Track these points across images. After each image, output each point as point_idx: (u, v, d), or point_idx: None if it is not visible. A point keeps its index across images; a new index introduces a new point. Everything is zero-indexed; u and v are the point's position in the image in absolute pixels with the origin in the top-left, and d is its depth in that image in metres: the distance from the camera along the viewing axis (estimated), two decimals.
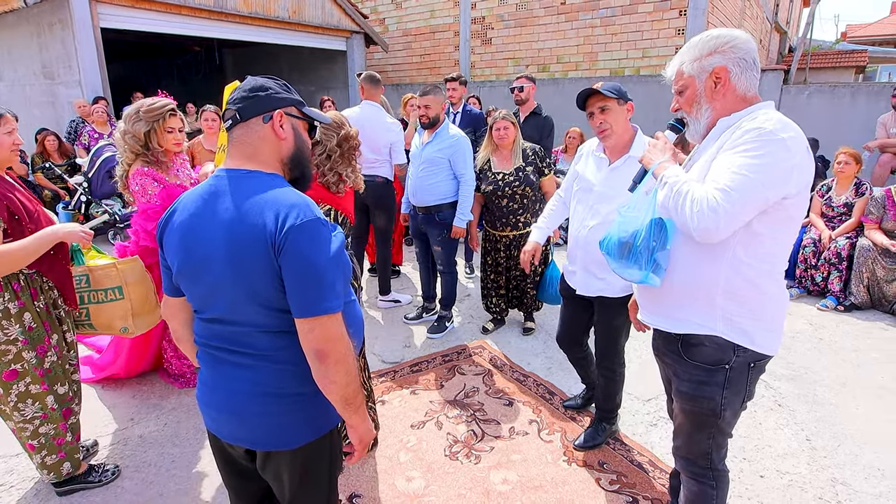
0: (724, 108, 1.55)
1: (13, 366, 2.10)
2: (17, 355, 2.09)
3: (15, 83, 8.01)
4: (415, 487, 2.37)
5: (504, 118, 3.53)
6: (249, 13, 8.60)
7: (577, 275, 2.52)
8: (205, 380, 1.38)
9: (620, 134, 2.31)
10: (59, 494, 2.32)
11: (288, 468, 1.37)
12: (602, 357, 2.56)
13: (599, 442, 2.63)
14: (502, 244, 3.75)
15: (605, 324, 2.50)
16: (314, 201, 2.19)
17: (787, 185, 1.40)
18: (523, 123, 4.59)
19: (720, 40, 1.52)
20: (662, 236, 1.53)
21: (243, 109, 1.28)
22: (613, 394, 2.62)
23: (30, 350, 2.11)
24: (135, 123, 2.70)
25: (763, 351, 1.55)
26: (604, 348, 2.54)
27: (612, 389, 2.61)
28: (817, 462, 2.57)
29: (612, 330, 2.48)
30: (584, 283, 2.48)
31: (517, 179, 3.55)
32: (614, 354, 2.53)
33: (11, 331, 2.06)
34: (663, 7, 8.08)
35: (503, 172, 3.60)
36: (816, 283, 4.67)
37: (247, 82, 1.33)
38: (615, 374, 2.57)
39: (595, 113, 2.28)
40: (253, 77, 1.32)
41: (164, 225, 1.33)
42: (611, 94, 2.22)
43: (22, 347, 2.09)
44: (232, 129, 1.30)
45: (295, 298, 1.20)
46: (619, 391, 2.63)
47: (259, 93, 1.30)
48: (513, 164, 3.59)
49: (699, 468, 1.71)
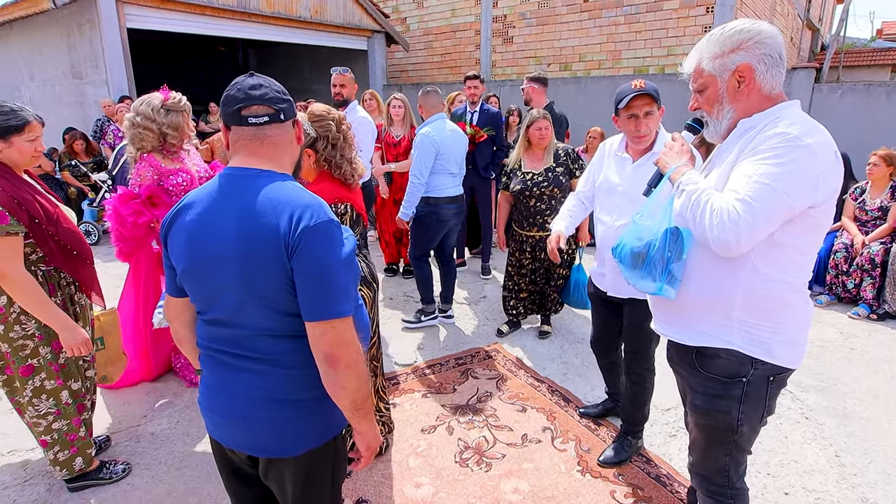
0: (747, 109, 1.45)
1: (30, 361, 2.13)
2: (33, 350, 2.12)
3: (45, 83, 8.22)
4: (423, 494, 2.33)
5: (544, 118, 3.48)
6: (272, 13, 8.67)
7: (606, 277, 2.45)
8: (207, 383, 1.36)
9: (653, 138, 2.26)
10: (70, 490, 2.34)
11: (291, 475, 1.34)
12: (631, 361, 2.47)
13: (625, 458, 2.52)
14: (528, 245, 3.70)
15: (636, 326, 2.41)
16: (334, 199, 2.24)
17: (814, 194, 1.31)
18: None
19: (744, 35, 1.41)
20: (678, 246, 1.44)
21: (285, 110, 1.27)
22: (642, 404, 2.52)
23: (45, 345, 2.14)
24: (174, 115, 2.79)
25: (783, 364, 1.46)
26: (633, 352, 2.46)
27: (642, 399, 2.50)
28: (847, 480, 2.44)
29: (643, 333, 2.39)
30: (614, 286, 2.41)
31: (546, 180, 3.51)
32: (644, 359, 2.45)
33: (29, 326, 2.09)
34: (689, 4, 7.88)
35: (532, 172, 3.56)
36: (848, 290, 4.48)
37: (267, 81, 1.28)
38: (644, 379, 2.47)
39: (639, 116, 2.18)
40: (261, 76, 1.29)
41: (169, 223, 1.30)
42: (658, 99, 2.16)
43: (38, 343, 2.13)
44: (265, 126, 1.25)
45: (307, 301, 1.18)
46: (648, 401, 2.53)
47: (289, 97, 1.31)
48: (543, 164, 3.55)
49: (716, 486, 1.62)
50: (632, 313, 2.41)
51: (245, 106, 1.24)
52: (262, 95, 1.24)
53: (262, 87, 1.26)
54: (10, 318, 2.06)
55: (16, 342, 2.09)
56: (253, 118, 1.24)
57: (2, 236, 1.91)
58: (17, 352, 2.10)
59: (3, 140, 2.00)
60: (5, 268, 1.93)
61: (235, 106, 1.24)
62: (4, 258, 1.93)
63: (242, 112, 1.24)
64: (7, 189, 1.96)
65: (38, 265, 2.10)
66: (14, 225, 1.94)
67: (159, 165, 2.81)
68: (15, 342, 2.09)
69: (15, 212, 1.94)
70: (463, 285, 5.00)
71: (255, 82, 1.26)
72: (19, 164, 2.08)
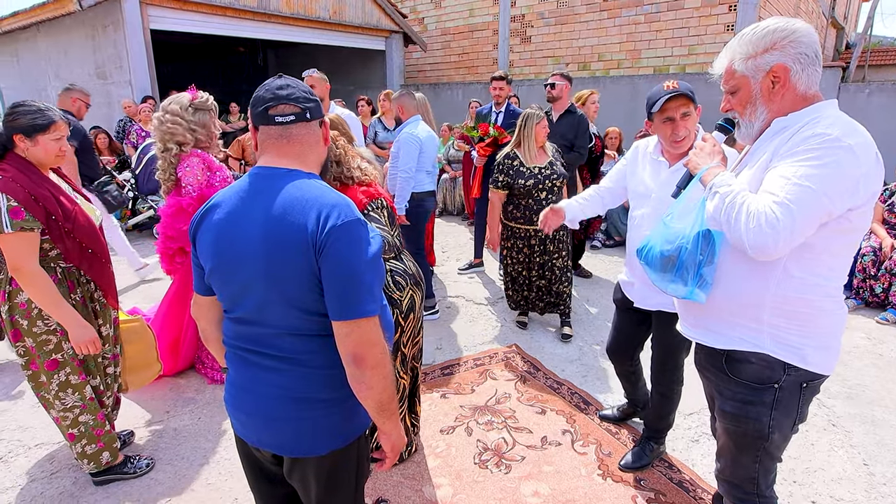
0: (781, 109, 1.41)
1: (54, 356, 2.17)
2: (56, 345, 2.17)
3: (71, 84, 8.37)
4: (442, 495, 2.32)
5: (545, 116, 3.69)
6: (291, 14, 8.75)
7: (635, 286, 2.35)
8: (232, 381, 1.37)
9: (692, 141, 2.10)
10: (96, 484, 2.38)
11: (315, 474, 1.35)
12: (659, 374, 2.38)
13: (646, 463, 2.47)
14: (537, 239, 3.75)
15: (664, 339, 2.31)
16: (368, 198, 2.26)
17: (854, 197, 1.27)
18: (557, 122, 4.47)
19: (778, 34, 1.37)
20: (710, 250, 1.41)
21: (311, 110, 1.28)
22: (667, 413, 2.46)
23: (67, 340, 2.18)
24: (202, 114, 2.87)
25: (817, 370, 1.42)
26: (661, 365, 2.36)
27: (667, 409, 2.44)
28: (876, 489, 2.38)
29: (673, 347, 2.29)
30: (642, 296, 2.32)
31: (553, 173, 3.68)
32: (673, 371, 2.35)
33: (51, 321, 2.14)
34: (711, 2, 7.77)
35: (539, 167, 3.67)
36: (876, 295, 4.37)
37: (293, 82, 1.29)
38: (672, 392, 2.39)
39: (676, 119, 2.04)
40: (287, 77, 1.30)
41: (198, 222, 1.31)
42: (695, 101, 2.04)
43: (61, 338, 2.17)
44: (291, 126, 1.26)
45: (333, 300, 1.18)
46: (673, 410, 2.46)
47: (315, 97, 1.32)
48: (547, 159, 3.72)
49: (744, 494, 1.59)
50: (660, 326, 2.31)
51: (272, 105, 1.25)
52: (289, 95, 1.25)
53: (289, 87, 1.27)
54: (33, 313, 2.11)
55: (39, 337, 2.13)
56: (280, 117, 1.25)
57: (17, 231, 1.94)
58: (41, 346, 2.14)
59: (28, 138, 2.04)
60: (20, 263, 1.97)
61: (263, 106, 1.25)
62: (19, 253, 1.97)
63: (270, 111, 1.25)
64: (25, 185, 1.99)
65: (57, 262, 2.13)
66: (30, 221, 1.97)
67: (213, 162, 2.86)
68: (39, 337, 2.13)
69: (31, 208, 1.98)
70: (481, 286, 4.99)
71: (282, 83, 1.27)
72: (44, 163, 2.11)
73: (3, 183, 1.95)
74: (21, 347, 2.15)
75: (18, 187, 1.97)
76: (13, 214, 1.93)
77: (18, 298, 2.09)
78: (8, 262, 1.99)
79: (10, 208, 1.93)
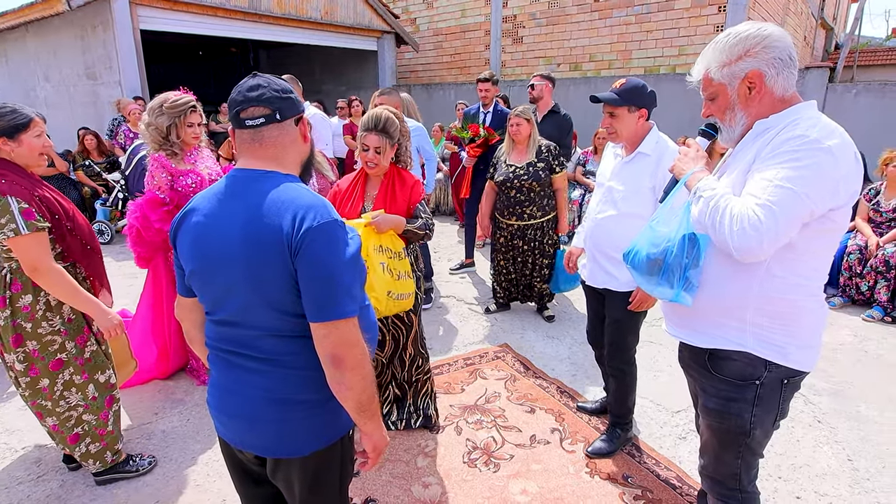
0: (760, 113, 1.43)
1: (58, 356, 2.18)
2: (60, 345, 2.18)
3: (60, 84, 8.32)
4: (431, 494, 2.33)
5: (518, 115, 3.74)
6: (282, 14, 8.72)
7: (586, 267, 2.55)
8: (215, 383, 1.37)
9: (628, 136, 2.33)
10: (97, 483, 2.37)
11: (298, 475, 1.34)
12: (610, 355, 2.53)
13: (613, 449, 2.56)
14: (507, 232, 3.99)
15: (612, 318, 2.48)
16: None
17: (835, 197, 1.30)
18: (542, 122, 4.53)
19: (750, 41, 1.38)
20: (695, 253, 1.42)
21: (283, 110, 1.25)
22: (624, 397, 2.56)
23: (70, 340, 2.20)
24: (158, 117, 2.82)
25: (798, 367, 1.44)
26: (611, 345, 2.51)
27: (623, 392, 2.55)
28: (860, 485, 2.41)
29: (618, 325, 2.46)
30: (591, 274, 2.50)
31: (526, 174, 3.76)
32: (623, 351, 2.50)
33: (55, 322, 2.15)
34: (701, 3, 7.82)
35: (515, 165, 3.81)
36: (862, 293, 4.42)
37: (267, 81, 1.27)
38: (624, 374, 2.52)
39: (605, 115, 2.32)
40: (264, 76, 1.29)
41: (177, 225, 1.31)
42: (618, 102, 2.24)
43: (64, 338, 2.18)
44: (262, 128, 1.25)
45: (311, 302, 1.18)
46: (630, 394, 2.57)
47: (290, 95, 1.28)
48: (526, 159, 3.80)
49: (727, 489, 1.61)
50: (609, 304, 2.48)
51: (242, 108, 1.23)
52: (259, 96, 1.23)
53: (261, 87, 1.24)
54: (38, 315, 2.11)
55: (44, 338, 2.14)
56: (250, 120, 1.23)
57: (32, 232, 1.95)
58: (45, 347, 2.14)
59: (12, 140, 2.02)
60: (38, 262, 1.98)
61: (235, 109, 1.25)
62: (37, 254, 1.98)
63: (241, 115, 1.24)
64: (27, 187, 2.01)
65: (58, 260, 2.13)
66: (41, 220, 1.99)
67: (169, 165, 2.84)
68: (44, 338, 2.14)
69: (38, 208, 2.00)
70: (472, 286, 5.00)
71: (253, 83, 1.25)
72: (29, 163, 2.11)
73: (9, 186, 1.96)
74: (21, 353, 2.13)
75: (23, 189, 1.98)
76: (26, 216, 1.94)
77: (20, 302, 2.09)
78: (24, 263, 1.99)
79: (21, 210, 1.94)
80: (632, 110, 2.26)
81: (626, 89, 2.25)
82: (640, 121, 2.29)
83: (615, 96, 2.25)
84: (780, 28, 1.41)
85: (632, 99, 2.24)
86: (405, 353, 2.72)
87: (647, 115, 2.30)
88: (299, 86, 4.49)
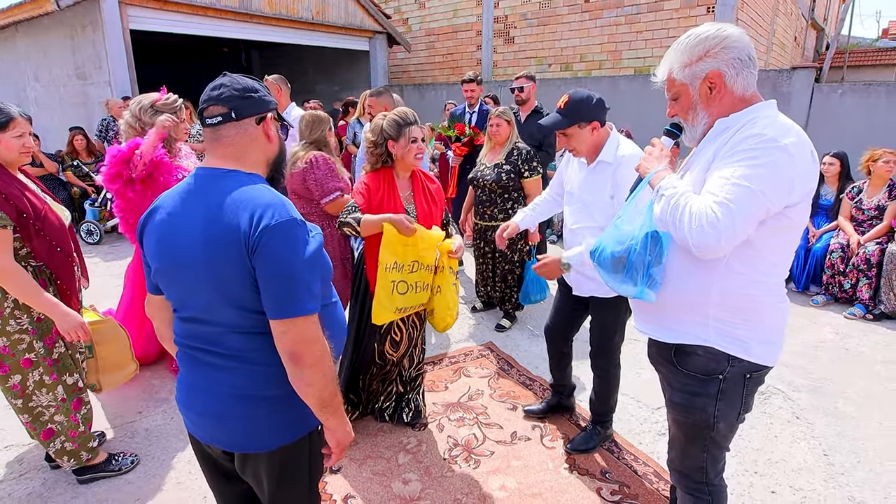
0: (721, 112, 1.46)
1: (27, 354, 2.18)
2: (29, 345, 2.17)
3: (50, 84, 8.29)
4: (411, 490, 2.35)
5: (499, 115, 3.71)
6: (273, 14, 8.72)
7: (571, 275, 2.50)
8: (183, 381, 1.38)
9: (588, 149, 2.32)
10: (80, 482, 2.38)
11: (266, 470, 1.36)
12: (596, 356, 2.56)
13: (592, 446, 2.60)
14: (474, 231, 4.06)
15: (599, 323, 2.52)
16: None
17: (791, 194, 1.32)
18: (525, 123, 4.55)
19: (710, 42, 1.42)
20: (658, 251, 1.45)
21: (240, 109, 1.26)
22: (607, 396, 2.59)
23: (38, 340, 2.19)
24: (153, 116, 2.86)
25: (759, 361, 1.47)
26: (597, 348, 2.55)
27: (606, 391, 2.58)
28: (834, 479, 2.45)
29: (605, 329, 2.49)
30: (577, 283, 2.50)
31: (491, 174, 3.75)
32: (608, 353, 2.53)
33: (23, 320, 2.14)
34: (690, 4, 7.88)
35: (485, 165, 3.83)
36: (844, 290, 4.47)
37: (230, 80, 1.28)
38: (609, 374, 2.56)
39: (559, 136, 2.33)
40: (232, 75, 1.30)
41: (143, 224, 1.33)
42: (565, 124, 2.23)
43: (32, 338, 2.17)
44: (219, 127, 1.26)
45: (269, 299, 1.19)
46: (613, 393, 2.60)
47: (252, 94, 1.29)
48: (496, 160, 3.77)
49: (694, 483, 1.64)
50: (595, 310, 2.51)
51: (205, 107, 1.26)
52: (219, 95, 1.25)
53: (223, 87, 1.26)
54: (6, 311, 2.10)
55: (13, 336, 2.13)
56: (209, 119, 1.26)
57: None
58: (14, 345, 2.14)
59: None
60: None
61: (199, 108, 1.27)
62: None
63: (203, 113, 1.27)
64: None
65: (27, 260, 2.13)
66: (2, 218, 1.98)
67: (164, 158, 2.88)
68: (12, 336, 2.13)
69: (2, 206, 1.99)
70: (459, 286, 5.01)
71: (218, 83, 1.27)
72: (9, 161, 2.11)
73: None
74: None
75: None
76: None
77: None
78: None
79: None
80: (582, 126, 2.23)
81: (570, 108, 2.21)
82: (595, 132, 2.26)
83: (560, 118, 2.23)
84: (740, 29, 1.44)
85: (579, 115, 2.21)
86: (416, 350, 2.77)
87: (599, 125, 2.27)
88: (287, 86, 4.50)
